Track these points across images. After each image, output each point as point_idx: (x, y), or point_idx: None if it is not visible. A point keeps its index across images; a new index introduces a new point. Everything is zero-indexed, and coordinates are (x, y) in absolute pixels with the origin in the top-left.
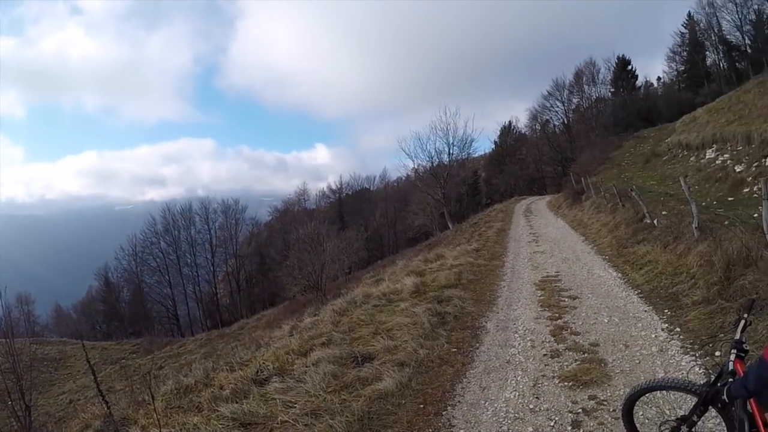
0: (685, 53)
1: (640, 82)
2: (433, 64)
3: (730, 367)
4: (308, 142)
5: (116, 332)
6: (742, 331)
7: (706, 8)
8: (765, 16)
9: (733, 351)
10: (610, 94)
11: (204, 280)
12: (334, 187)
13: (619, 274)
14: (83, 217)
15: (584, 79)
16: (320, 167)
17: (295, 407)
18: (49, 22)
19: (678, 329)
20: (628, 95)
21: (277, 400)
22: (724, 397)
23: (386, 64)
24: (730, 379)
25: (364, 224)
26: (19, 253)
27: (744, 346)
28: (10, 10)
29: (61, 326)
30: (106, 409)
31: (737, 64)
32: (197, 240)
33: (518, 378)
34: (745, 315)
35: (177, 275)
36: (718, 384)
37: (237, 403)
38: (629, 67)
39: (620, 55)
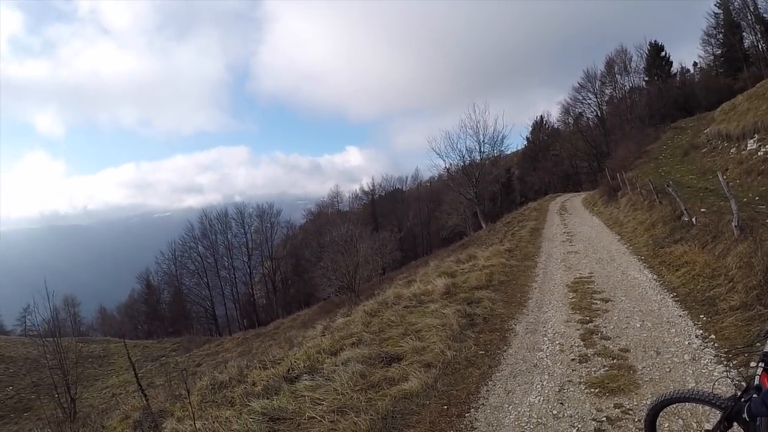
0: (720, 35)
1: (675, 68)
2: (471, 60)
3: (756, 381)
4: (340, 144)
5: (157, 332)
6: None
7: None
8: None
9: (760, 364)
10: (644, 83)
11: (241, 282)
12: (366, 188)
13: (655, 276)
14: (124, 226)
15: (616, 69)
16: (353, 169)
17: (323, 404)
18: (79, 42)
19: (713, 336)
20: (663, 83)
21: (306, 397)
22: (744, 414)
23: (421, 63)
24: (755, 395)
25: (397, 225)
26: (64, 261)
27: None
28: (40, 32)
29: (105, 326)
30: (144, 402)
31: None
32: (234, 243)
33: (544, 382)
34: None
35: (215, 277)
36: (743, 399)
37: (268, 399)
38: (663, 54)
39: (652, 41)
